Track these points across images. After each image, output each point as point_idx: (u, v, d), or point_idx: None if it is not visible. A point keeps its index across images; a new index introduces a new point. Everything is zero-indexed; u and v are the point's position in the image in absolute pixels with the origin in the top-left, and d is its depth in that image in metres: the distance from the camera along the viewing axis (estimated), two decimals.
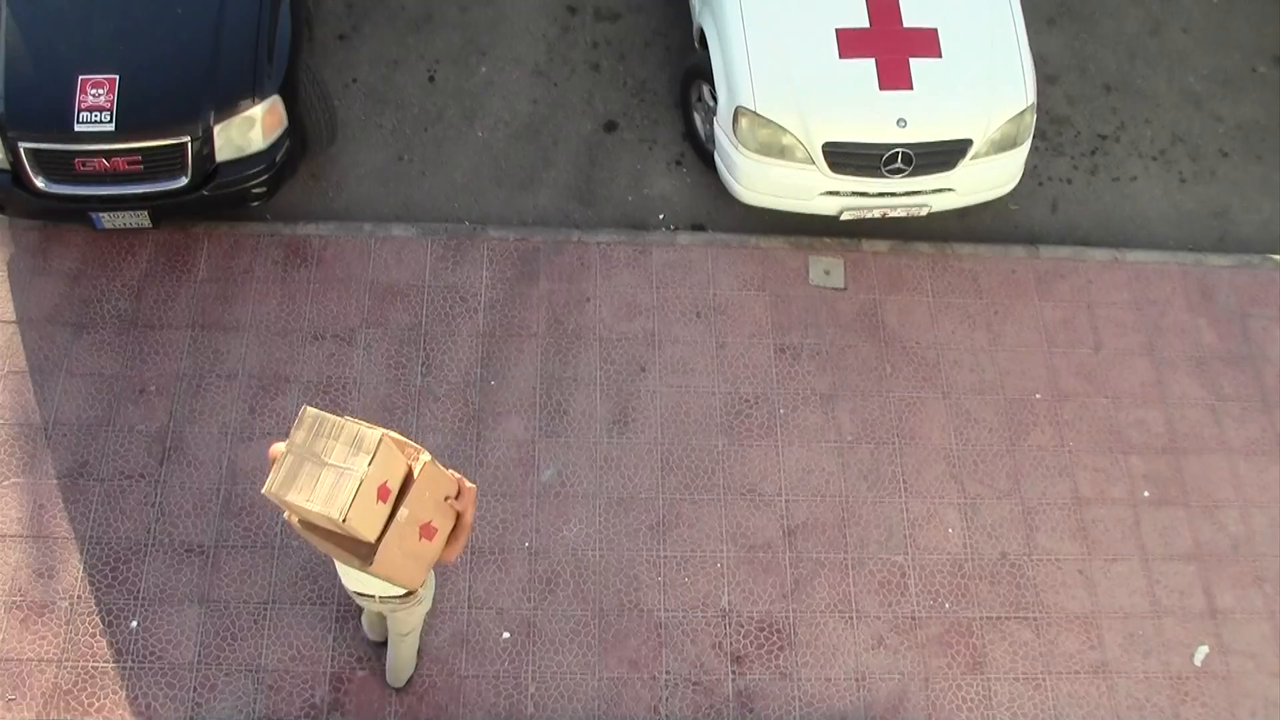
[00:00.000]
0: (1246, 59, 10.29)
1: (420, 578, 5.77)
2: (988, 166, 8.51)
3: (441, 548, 5.77)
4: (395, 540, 5.45)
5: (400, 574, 5.62)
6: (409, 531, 5.53)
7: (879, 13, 8.40)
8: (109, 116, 7.73)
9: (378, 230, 8.68)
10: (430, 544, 5.68)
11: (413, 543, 5.58)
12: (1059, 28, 10.23)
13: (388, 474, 5.37)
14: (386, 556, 5.45)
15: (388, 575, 5.57)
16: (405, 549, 5.56)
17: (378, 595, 6.20)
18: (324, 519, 5.27)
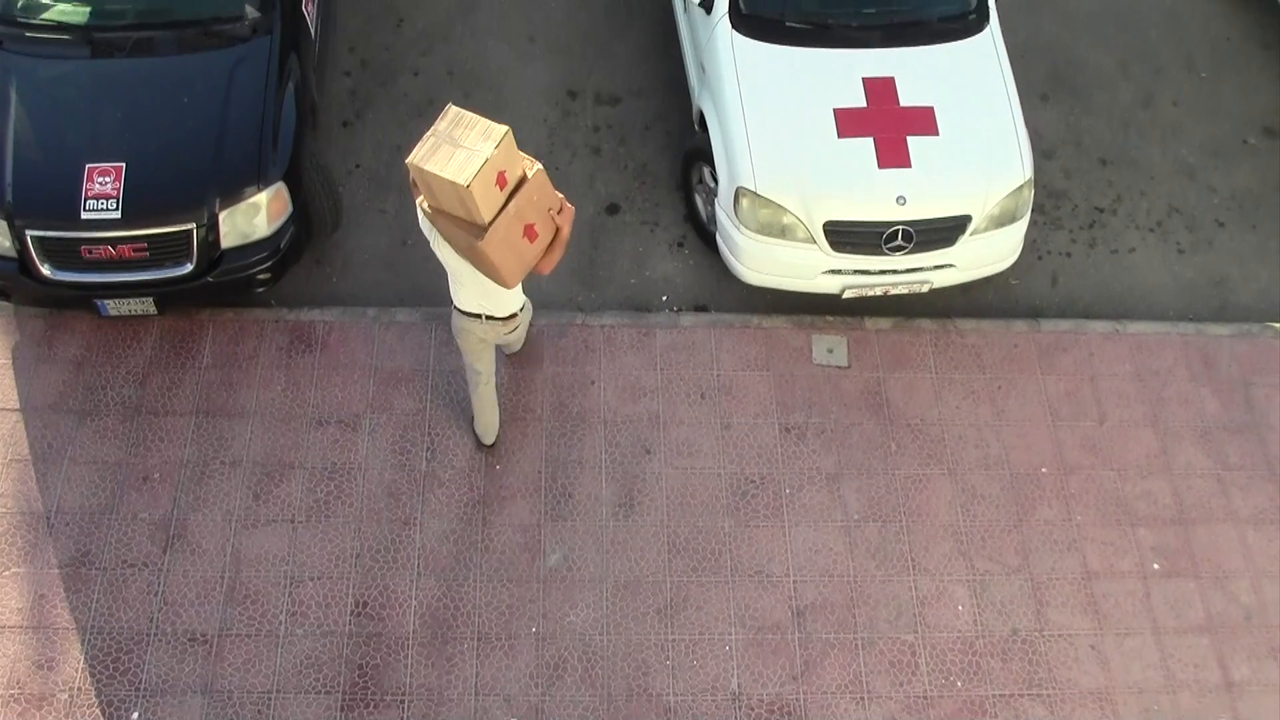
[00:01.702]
0: (1237, 130, 10.38)
1: (518, 277, 6.81)
2: (987, 242, 8.56)
3: (540, 253, 6.82)
4: (504, 226, 6.48)
5: (504, 260, 6.62)
6: (515, 225, 6.56)
7: (876, 93, 8.49)
8: (115, 204, 7.79)
9: (382, 315, 8.71)
10: (531, 245, 6.73)
11: (517, 238, 6.63)
12: (1053, 103, 10.33)
13: (507, 164, 6.38)
14: (495, 237, 6.45)
15: (494, 257, 6.56)
16: (510, 240, 6.59)
17: (484, 316, 7.29)
18: (451, 188, 6.25)
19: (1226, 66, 10.79)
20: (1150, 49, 10.81)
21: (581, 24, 10.43)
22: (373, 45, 10.25)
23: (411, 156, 6.37)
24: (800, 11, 8.86)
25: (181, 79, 8.26)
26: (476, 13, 10.46)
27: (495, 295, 7.15)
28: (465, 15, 10.44)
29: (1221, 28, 11.05)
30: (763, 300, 9.04)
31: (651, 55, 10.34)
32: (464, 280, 7.09)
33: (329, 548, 7.78)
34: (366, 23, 10.38)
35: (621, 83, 10.18)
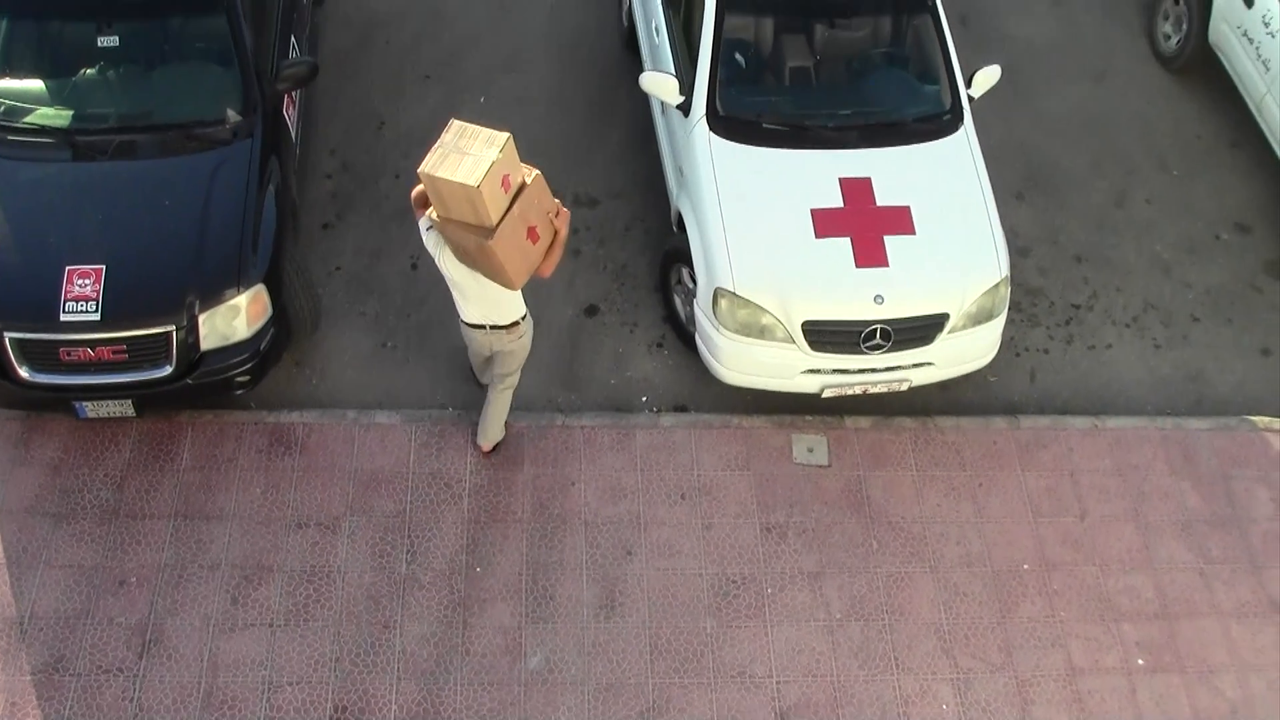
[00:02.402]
0: (1210, 227, 10.52)
1: (523, 277, 7.32)
2: (965, 339, 8.61)
3: (542, 255, 7.37)
4: (510, 228, 6.99)
5: (510, 260, 7.12)
6: (520, 227, 7.08)
7: (852, 193, 8.58)
8: (95, 306, 7.78)
9: (361, 417, 8.70)
10: (534, 246, 7.27)
11: (521, 239, 7.14)
12: (1028, 202, 10.46)
13: (510, 168, 6.94)
14: (503, 236, 6.95)
15: (502, 257, 7.04)
16: (516, 241, 7.10)
17: (488, 325, 7.73)
18: (462, 190, 6.77)
19: (1197, 165, 10.96)
20: (1122, 149, 10.99)
21: (561, 127, 10.56)
22: (354, 148, 10.36)
23: (422, 166, 6.89)
24: (777, 113, 9.00)
25: (163, 182, 8.31)
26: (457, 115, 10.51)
27: (497, 305, 7.64)
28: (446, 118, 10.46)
29: (1192, 128, 11.23)
30: (742, 400, 9.05)
31: (630, 157, 10.47)
32: (469, 293, 7.60)
33: (308, 652, 7.69)
34: (347, 126, 10.50)
35: (600, 185, 10.29)
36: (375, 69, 10.98)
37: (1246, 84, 10.76)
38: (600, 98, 10.87)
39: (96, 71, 8.64)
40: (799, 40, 9.21)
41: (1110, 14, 12.16)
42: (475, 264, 7.33)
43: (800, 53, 9.20)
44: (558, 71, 10.98)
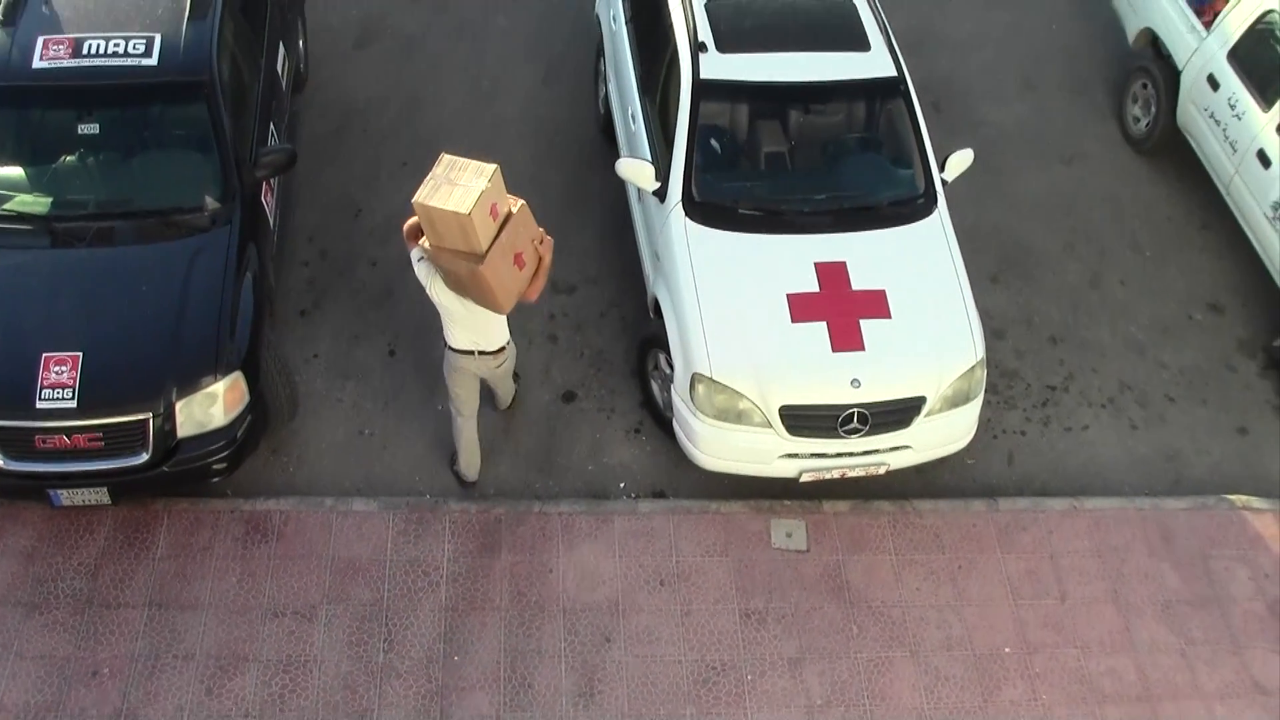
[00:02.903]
0: (1183, 307, 10.61)
1: (511, 300, 7.74)
2: (942, 422, 8.64)
3: (529, 280, 7.82)
4: (499, 254, 7.44)
5: (500, 284, 7.54)
6: (507, 253, 7.53)
7: (828, 278, 8.62)
8: (71, 394, 7.75)
9: (339, 505, 8.65)
10: (520, 272, 7.72)
11: (509, 264, 7.59)
12: (1002, 284, 10.53)
13: (497, 197, 7.40)
14: (492, 261, 7.39)
15: (492, 281, 7.46)
16: (504, 266, 7.53)
17: (477, 351, 8.18)
18: (454, 218, 7.19)
19: (1169, 246, 11.07)
20: (1095, 232, 11.09)
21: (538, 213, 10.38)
22: (331, 235, 10.40)
23: (416, 196, 7.30)
24: (752, 198, 9.06)
25: (141, 268, 8.32)
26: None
27: (486, 330, 8.12)
28: None
29: (1163, 209, 11.36)
30: (720, 485, 9.03)
31: (606, 243, 10.53)
32: (459, 319, 8.03)
33: None
34: (325, 213, 10.55)
35: (577, 271, 10.34)
36: (353, 156, 11.06)
37: (1215, 165, 10.90)
38: (577, 183, 10.96)
39: (76, 159, 8.69)
40: (774, 126, 9.33)
41: (1080, 98, 12.33)
42: (466, 290, 7.74)
43: (775, 138, 9.31)
44: (535, 158, 11.05)
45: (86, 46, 8.72)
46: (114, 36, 8.79)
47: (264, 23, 10.01)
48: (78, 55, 8.69)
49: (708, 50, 9.20)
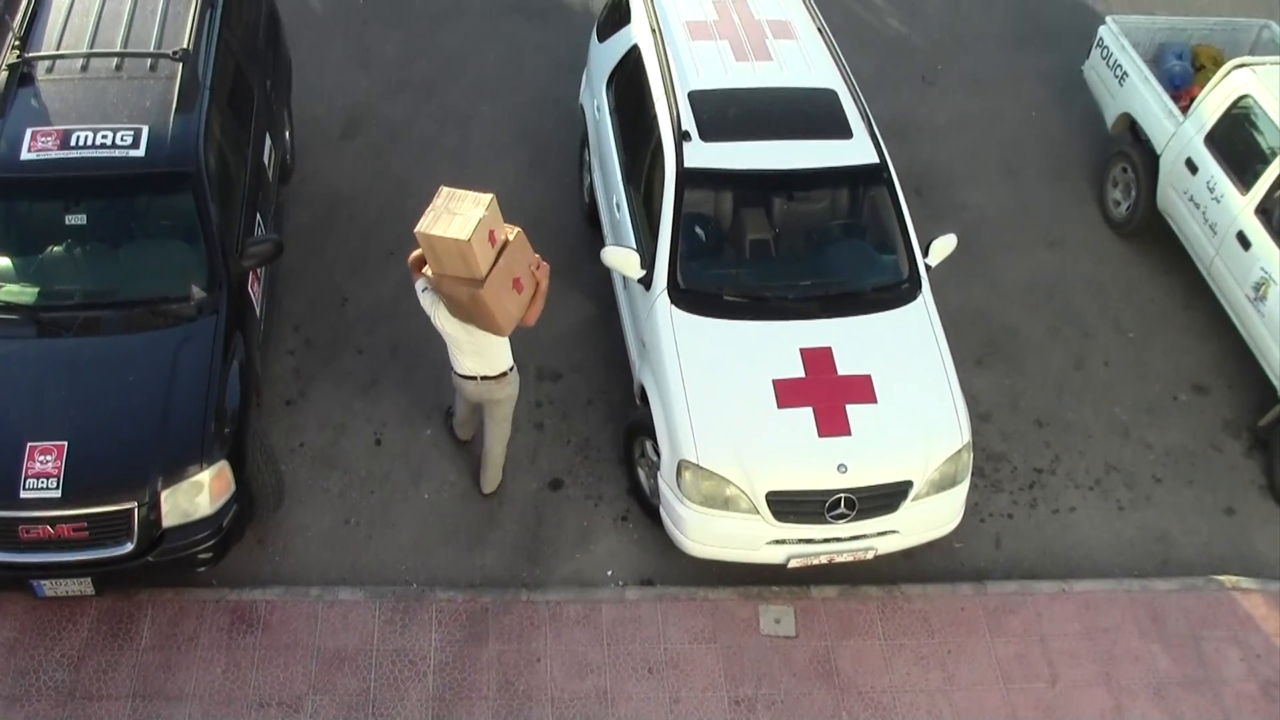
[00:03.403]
0: (1167, 388, 10.66)
1: (511, 324, 8.16)
2: (929, 506, 8.63)
3: (527, 303, 8.24)
4: (498, 278, 7.87)
5: (499, 308, 7.96)
6: (506, 278, 7.96)
7: (814, 363, 8.65)
8: (56, 483, 7.71)
9: (325, 594, 8.60)
10: (518, 296, 8.14)
11: (507, 289, 8.01)
12: (987, 367, 10.58)
13: (495, 225, 7.85)
14: (491, 285, 7.82)
15: (491, 305, 7.88)
16: (503, 290, 7.96)
17: (479, 377, 8.56)
18: (454, 245, 7.64)
19: (1152, 327, 11.14)
20: (1079, 313, 11.17)
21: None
22: (317, 324, 10.43)
23: (418, 226, 7.77)
24: (737, 285, 9.11)
25: (127, 357, 8.31)
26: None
27: (488, 357, 8.50)
28: (409, 294, 10.45)
29: (1145, 291, 11.45)
30: (708, 572, 8.97)
31: (592, 331, 10.57)
32: (463, 346, 8.44)
33: None
34: (311, 302, 10.59)
35: (563, 358, 10.37)
36: (339, 245, 11.12)
37: (1196, 247, 11.00)
38: (562, 272, 10.96)
39: (63, 249, 8.71)
40: (758, 213, 9.42)
41: (1061, 182, 12.48)
42: (468, 316, 8.15)
43: (759, 226, 9.39)
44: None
45: (74, 138, 8.76)
46: (102, 128, 8.84)
47: (250, 114, 10.08)
48: (66, 147, 8.73)
49: (691, 139, 9.30)
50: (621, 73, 10.54)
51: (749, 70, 9.94)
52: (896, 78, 13.49)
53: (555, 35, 13.44)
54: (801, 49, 10.20)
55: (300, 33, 12.87)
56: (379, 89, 12.79)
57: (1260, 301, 10.12)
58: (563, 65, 12.27)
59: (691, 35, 10.21)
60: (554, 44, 13.21)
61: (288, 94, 11.61)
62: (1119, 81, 12.05)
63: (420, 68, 12.99)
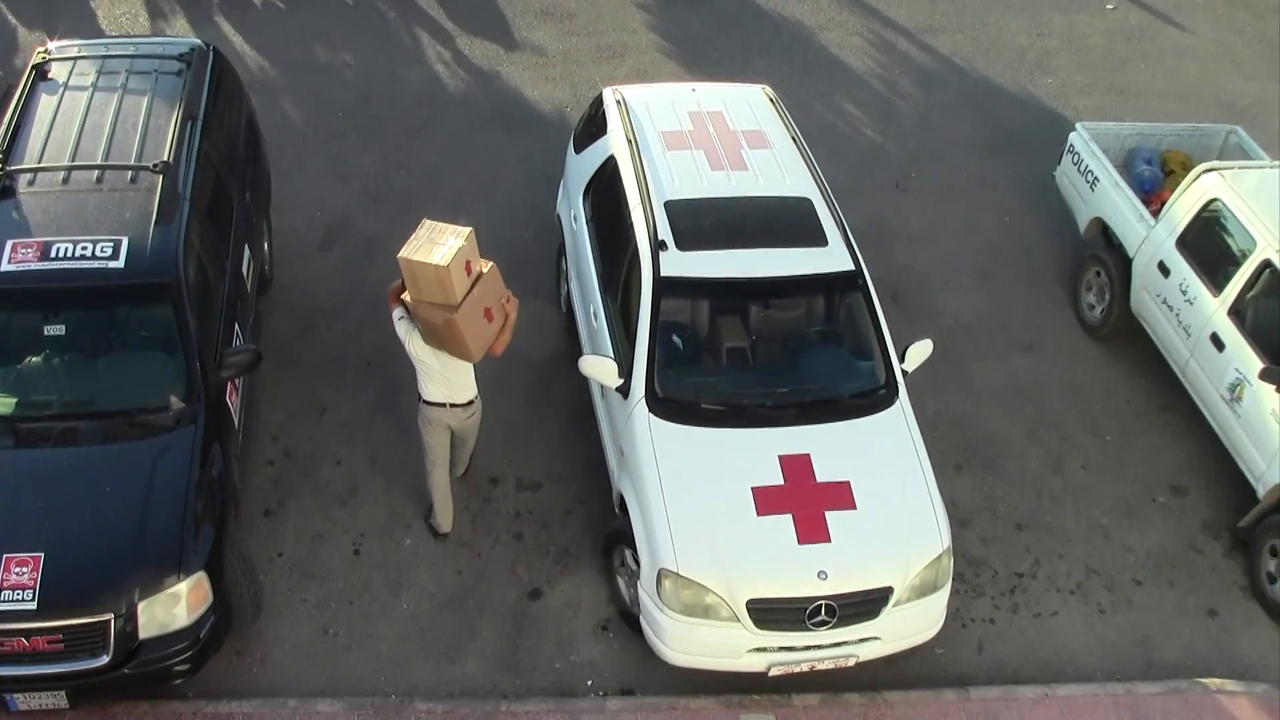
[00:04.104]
0: (1146, 490, 10.68)
1: (481, 350, 8.80)
2: (910, 612, 8.59)
3: (496, 333, 8.91)
4: (471, 306, 8.55)
5: (471, 334, 8.61)
6: (478, 307, 8.65)
7: (792, 470, 8.66)
8: (31, 595, 7.64)
9: (303, 706, 8.48)
10: (489, 325, 8.81)
11: (479, 316, 8.68)
12: (966, 473, 10.60)
13: (471, 256, 8.58)
14: (465, 312, 8.50)
15: (464, 330, 8.53)
16: (475, 318, 8.63)
17: (448, 404, 9.12)
18: (434, 271, 8.35)
19: (1130, 430, 11.19)
20: (1056, 418, 11.23)
21: (501, 410, 10.66)
22: (296, 434, 10.42)
23: (401, 253, 8.46)
24: (715, 393, 9.15)
25: (105, 468, 8.27)
26: (399, 401, 10.69)
27: (456, 384, 9.10)
28: (388, 405, 10.70)
29: (1121, 393, 11.52)
30: (690, 681, 8.88)
31: (570, 440, 10.56)
32: (433, 374, 9.01)
33: None
34: (290, 412, 10.59)
35: (542, 468, 10.35)
36: (318, 356, 11.16)
37: (1170, 349, 11.10)
38: (540, 381, 11.06)
39: (42, 359, 8.70)
40: (735, 321, 9.49)
41: (1035, 286, 12.60)
42: (441, 341, 8.76)
43: (736, 333, 9.46)
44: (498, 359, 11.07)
45: (54, 250, 8.80)
46: (82, 240, 8.88)
47: (230, 225, 10.16)
48: (45, 259, 8.76)
49: (668, 248, 9.39)
50: (598, 183, 10.67)
51: (724, 179, 10.07)
52: (871, 185, 13.68)
53: (532, 146, 13.61)
54: (776, 158, 10.36)
55: (280, 145, 13.02)
56: (357, 201, 12.92)
57: (1236, 402, 10.19)
58: (540, 176, 12.41)
59: (667, 145, 10.36)
60: (531, 155, 13.37)
61: (267, 205, 11.71)
62: (1090, 187, 12.24)
63: (399, 180, 13.13)
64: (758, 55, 15.74)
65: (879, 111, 15.03)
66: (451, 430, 9.39)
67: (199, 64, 10.74)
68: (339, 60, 15.04)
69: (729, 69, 14.85)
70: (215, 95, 10.67)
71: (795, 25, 16.56)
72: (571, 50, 15.62)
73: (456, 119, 14.02)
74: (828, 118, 14.69)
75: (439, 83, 14.79)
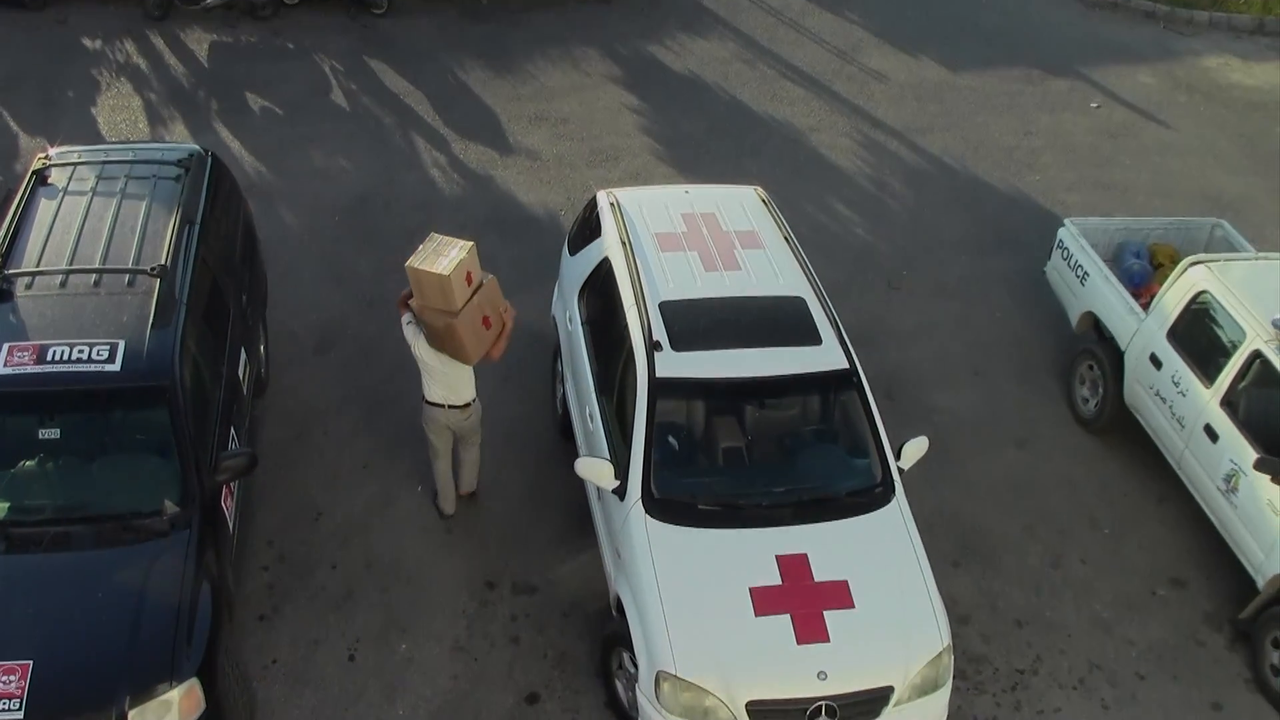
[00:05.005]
0: (1146, 583, 10.63)
1: (478, 354, 9.76)
2: (912, 711, 8.50)
3: (493, 340, 9.88)
4: (470, 313, 9.54)
5: (469, 338, 9.57)
6: (477, 313, 9.62)
7: (790, 570, 8.61)
8: (19, 704, 7.55)
9: None
10: (486, 332, 9.77)
11: (477, 323, 9.65)
12: (964, 569, 10.54)
13: (472, 267, 9.55)
14: (464, 317, 9.48)
15: (463, 334, 9.49)
16: (473, 324, 9.60)
17: (447, 405, 10.04)
18: (437, 279, 9.33)
19: (1127, 522, 11.17)
20: (1053, 511, 11.20)
21: (497, 512, 10.67)
22: (291, 539, 10.35)
23: (409, 262, 9.47)
24: (711, 494, 9.14)
25: (97, 574, 8.22)
26: (394, 505, 10.70)
27: (456, 387, 10.01)
28: (383, 508, 10.68)
29: (1118, 486, 11.51)
30: None
31: (567, 542, 10.50)
32: (436, 375, 9.94)
33: None
34: (285, 516, 10.53)
35: (538, 571, 10.28)
36: (314, 459, 11.12)
37: (1165, 441, 11.12)
38: (536, 483, 11.03)
39: (35, 463, 8.68)
40: (730, 421, 9.49)
41: (1028, 381, 12.64)
42: (443, 344, 9.68)
43: (732, 433, 9.45)
44: (494, 459, 11.11)
45: (51, 353, 8.81)
46: (78, 343, 8.89)
47: (226, 328, 10.20)
48: (42, 362, 8.77)
49: (663, 349, 9.41)
50: (593, 285, 10.74)
51: (718, 280, 10.13)
52: (863, 284, 13.77)
53: (526, 250, 13.69)
54: (769, 258, 10.42)
55: (276, 248, 13.11)
56: (353, 304, 12.97)
57: (1232, 493, 10.19)
58: (534, 278, 12.47)
59: (661, 247, 10.43)
60: (526, 258, 13.46)
61: (263, 309, 11.77)
62: (1081, 281, 12.33)
63: (394, 283, 13.10)
64: (749, 157, 15.92)
65: (870, 210, 15.18)
66: (452, 431, 10.25)
67: (197, 169, 10.84)
68: (335, 165, 15.18)
69: (721, 171, 14.99)
70: (213, 200, 10.76)
71: (786, 127, 16.77)
72: (565, 154, 15.79)
73: (452, 222, 14.10)
74: (819, 217, 14.82)
75: (434, 187, 14.93)
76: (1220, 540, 10.55)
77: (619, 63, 18.06)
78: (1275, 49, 20.02)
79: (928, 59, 18.80)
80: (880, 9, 20.21)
